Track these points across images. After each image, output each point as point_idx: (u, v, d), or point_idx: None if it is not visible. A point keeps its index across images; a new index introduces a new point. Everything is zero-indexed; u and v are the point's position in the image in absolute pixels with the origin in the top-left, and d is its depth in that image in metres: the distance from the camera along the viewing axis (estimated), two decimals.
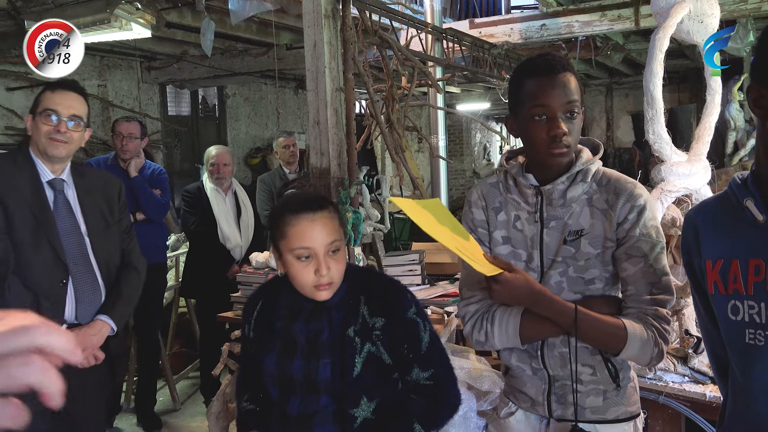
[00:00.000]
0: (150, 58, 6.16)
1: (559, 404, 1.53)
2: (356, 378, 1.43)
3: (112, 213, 2.22)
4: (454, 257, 3.73)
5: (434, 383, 1.47)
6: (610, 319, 1.42)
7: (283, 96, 8.02)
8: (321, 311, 1.48)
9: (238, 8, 3.21)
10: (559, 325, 1.43)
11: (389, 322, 1.46)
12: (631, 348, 1.39)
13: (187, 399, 4.33)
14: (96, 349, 2.04)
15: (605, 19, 4.73)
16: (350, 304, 1.47)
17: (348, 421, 1.43)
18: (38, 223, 2.00)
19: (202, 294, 4.15)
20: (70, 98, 2.09)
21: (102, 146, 5.68)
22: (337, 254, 1.43)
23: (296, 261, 1.42)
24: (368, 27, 3.21)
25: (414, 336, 1.47)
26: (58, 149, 2.05)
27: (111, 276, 2.16)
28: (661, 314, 1.42)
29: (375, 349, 1.45)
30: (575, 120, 1.43)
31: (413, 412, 1.45)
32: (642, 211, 1.44)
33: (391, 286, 1.52)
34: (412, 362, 1.47)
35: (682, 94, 8.49)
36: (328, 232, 1.42)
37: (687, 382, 2.09)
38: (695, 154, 2.43)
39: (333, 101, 2.93)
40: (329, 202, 1.51)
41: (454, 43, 4.62)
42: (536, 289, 1.41)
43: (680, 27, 2.43)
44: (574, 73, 1.45)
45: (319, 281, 1.41)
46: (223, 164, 4.02)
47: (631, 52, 6.35)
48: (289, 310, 1.51)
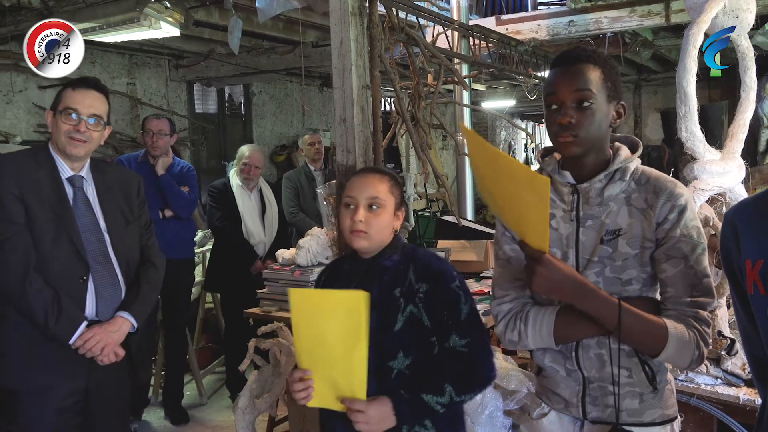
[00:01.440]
0: (178, 57, 6.23)
1: (594, 406, 1.50)
2: (396, 333, 1.58)
3: (132, 209, 2.23)
4: (480, 254, 3.71)
5: (469, 351, 1.56)
6: (652, 318, 1.38)
7: (308, 93, 8.04)
8: (374, 272, 1.66)
9: (265, 6, 3.22)
10: (600, 321, 1.39)
11: (432, 288, 1.59)
12: (671, 349, 1.36)
13: (213, 393, 4.38)
14: (117, 346, 2.06)
15: (635, 15, 4.65)
16: (400, 270, 1.64)
17: (385, 373, 1.57)
18: (58, 219, 2.01)
19: (225, 288, 4.20)
20: (91, 97, 2.10)
21: (131, 143, 5.76)
22: (376, 210, 1.63)
23: (344, 209, 1.66)
24: (395, 24, 3.20)
25: (454, 305, 1.59)
26: (77, 148, 2.06)
27: (130, 272, 2.17)
28: (702, 317, 1.39)
29: (416, 311, 1.59)
30: (589, 110, 1.40)
31: (446, 374, 1.55)
32: (683, 211, 1.41)
33: (437, 259, 1.67)
34: (450, 328, 1.58)
35: (713, 91, 8.32)
36: (372, 189, 1.64)
37: (720, 384, 2.05)
38: (729, 152, 2.38)
39: (359, 99, 2.93)
40: (387, 172, 1.74)
41: (480, 40, 4.59)
42: (579, 280, 1.38)
43: (714, 22, 2.38)
44: (598, 65, 1.42)
45: (353, 226, 1.61)
46: (255, 167, 4.07)
47: (660, 49, 6.24)
48: (347, 273, 1.72)
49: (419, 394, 1.52)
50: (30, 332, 1.97)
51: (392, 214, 1.67)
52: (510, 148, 12.33)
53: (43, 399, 1.99)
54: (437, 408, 1.53)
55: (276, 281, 3.35)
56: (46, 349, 1.99)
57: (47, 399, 2.00)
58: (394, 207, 1.67)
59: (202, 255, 4.78)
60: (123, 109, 5.95)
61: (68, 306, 1.97)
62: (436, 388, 1.53)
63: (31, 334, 1.97)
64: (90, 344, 1.98)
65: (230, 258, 4.04)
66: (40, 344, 1.98)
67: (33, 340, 1.98)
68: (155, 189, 3.64)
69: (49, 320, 1.93)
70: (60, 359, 2.00)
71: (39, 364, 1.99)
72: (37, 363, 1.99)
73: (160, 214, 3.65)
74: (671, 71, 8.02)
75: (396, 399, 1.52)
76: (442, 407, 1.53)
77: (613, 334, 1.40)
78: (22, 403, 1.99)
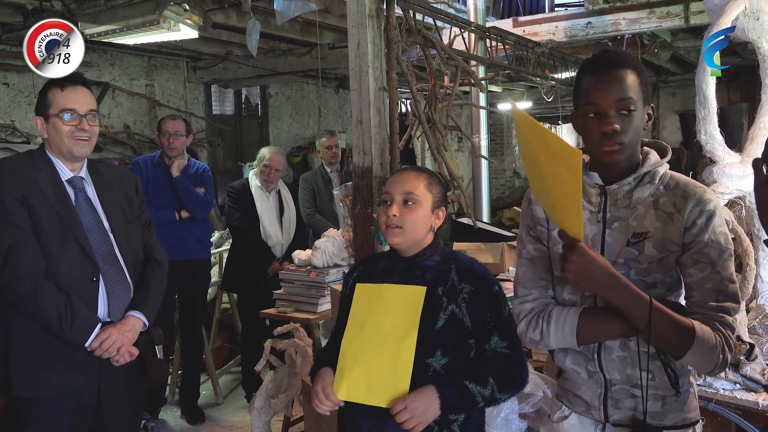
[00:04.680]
0: (196, 58, 6.29)
1: (616, 409, 1.50)
2: (437, 330, 1.57)
3: (132, 208, 2.22)
4: (496, 257, 3.70)
5: (511, 353, 1.59)
6: (681, 318, 1.37)
7: (324, 95, 8.07)
8: (414, 269, 1.65)
9: (283, 8, 3.24)
10: (629, 316, 1.37)
11: (476, 289, 1.60)
12: (696, 351, 1.35)
13: (229, 393, 4.40)
14: (131, 346, 2.04)
15: (653, 17, 4.62)
16: (442, 269, 1.64)
17: (422, 370, 1.54)
18: (63, 222, 1.99)
19: (242, 289, 4.23)
20: (82, 93, 2.07)
21: (149, 144, 5.82)
22: (411, 206, 1.63)
23: (382, 205, 1.67)
24: (412, 26, 3.21)
25: (497, 307, 1.61)
26: (84, 147, 2.05)
27: (136, 271, 2.16)
28: (728, 321, 1.37)
29: (458, 311, 1.59)
30: (630, 117, 1.40)
31: (490, 369, 1.56)
32: (711, 217, 1.40)
33: (477, 262, 1.69)
34: (492, 330, 1.59)
35: (732, 93, 8.24)
36: (408, 184, 1.65)
37: (738, 389, 2.03)
38: (749, 155, 2.35)
39: (376, 100, 2.94)
40: (426, 170, 1.73)
41: (497, 42, 4.58)
42: (613, 272, 1.37)
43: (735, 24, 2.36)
44: (635, 70, 1.42)
45: (387, 221, 1.62)
46: (275, 169, 4.09)
47: (679, 50, 6.19)
48: (385, 270, 1.71)
49: (463, 381, 1.53)
50: (41, 336, 1.95)
51: (429, 211, 1.66)
52: None
53: (56, 402, 1.99)
54: (479, 399, 1.53)
55: (292, 282, 3.37)
56: (58, 352, 1.97)
57: (60, 402, 1.99)
58: (431, 205, 1.66)
59: (219, 255, 4.81)
60: (141, 111, 6.02)
61: (81, 309, 1.96)
62: (480, 379, 1.53)
63: (42, 338, 1.96)
64: (106, 345, 1.97)
65: (247, 259, 4.07)
66: (52, 348, 1.96)
67: (45, 345, 1.96)
68: (171, 190, 3.68)
69: (63, 325, 1.91)
70: (72, 361, 1.99)
71: (52, 368, 1.97)
72: (50, 367, 1.98)
73: (176, 215, 3.68)
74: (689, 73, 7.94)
75: (440, 384, 1.52)
76: (483, 400, 1.53)
77: (641, 332, 1.39)
78: (35, 407, 1.98)
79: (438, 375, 1.55)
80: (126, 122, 5.79)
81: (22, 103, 5.16)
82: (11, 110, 5.09)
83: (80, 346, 1.96)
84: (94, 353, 1.98)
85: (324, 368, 1.66)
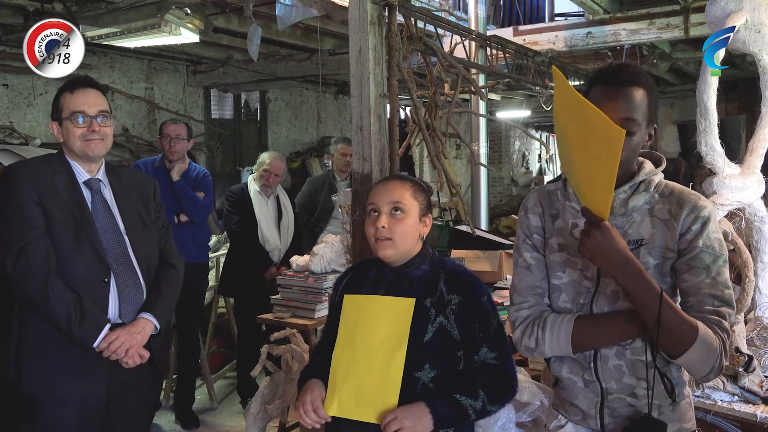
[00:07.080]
0: (196, 62, 6.29)
1: (612, 418, 1.50)
2: (425, 343, 1.55)
3: (149, 212, 2.23)
4: (494, 264, 3.69)
5: (500, 363, 1.59)
6: (686, 315, 1.37)
7: (323, 101, 8.08)
8: (402, 281, 1.64)
9: (284, 14, 3.24)
10: (638, 305, 1.36)
11: (464, 301, 1.59)
12: (696, 351, 1.34)
13: (224, 398, 4.39)
14: (141, 348, 2.04)
15: (653, 27, 4.65)
16: (430, 280, 1.63)
17: (411, 384, 1.54)
18: (78, 223, 2.01)
19: (238, 293, 4.22)
20: (92, 95, 2.09)
21: (148, 147, 5.81)
22: (399, 215, 1.61)
23: (367, 219, 1.65)
24: (413, 34, 3.21)
25: (486, 318, 1.60)
26: (97, 147, 2.07)
27: (150, 274, 2.17)
28: (724, 326, 1.38)
29: (447, 323, 1.58)
30: (630, 138, 1.39)
31: (480, 381, 1.55)
32: (706, 223, 1.41)
33: (466, 271, 1.67)
34: (481, 342, 1.58)
35: (731, 105, 8.26)
36: (395, 194, 1.63)
37: (736, 401, 2.03)
38: (749, 167, 2.36)
39: (376, 107, 2.94)
40: (410, 178, 1.71)
41: (497, 51, 4.60)
42: (630, 256, 1.36)
43: (736, 36, 2.36)
44: (647, 89, 1.42)
45: (377, 233, 1.60)
46: (275, 174, 4.10)
47: (678, 61, 6.21)
48: (374, 280, 1.69)
49: (453, 395, 1.52)
50: (53, 337, 1.96)
51: (417, 220, 1.64)
52: (524, 158, 12.30)
53: (65, 404, 1.98)
54: (470, 412, 1.52)
55: (290, 287, 3.36)
56: (68, 354, 1.98)
57: (69, 404, 1.99)
58: (418, 213, 1.65)
59: (216, 259, 4.80)
60: (141, 114, 6.01)
61: (91, 309, 1.96)
62: (470, 392, 1.53)
63: (53, 339, 1.96)
64: (114, 346, 1.97)
65: (245, 263, 4.06)
66: (63, 349, 1.97)
67: (56, 345, 1.97)
68: (171, 194, 3.67)
69: (72, 324, 1.92)
70: (82, 363, 1.99)
71: (62, 369, 1.98)
72: (60, 368, 1.98)
73: (175, 218, 3.68)
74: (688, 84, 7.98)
75: (430, 400, 1.51)
76: (474, 412, 1.53)
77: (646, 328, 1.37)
78: (44, 409, 1.98)
79: (426, 389, 1.53)
80: (125, 125, 5.79)
81: (20, 105, 5.15)
82: (10, 111, 5.08)
83: (88, 347, 1.96)
84: (103, 354, 1.98)
85: (313, 380, 1.64)
